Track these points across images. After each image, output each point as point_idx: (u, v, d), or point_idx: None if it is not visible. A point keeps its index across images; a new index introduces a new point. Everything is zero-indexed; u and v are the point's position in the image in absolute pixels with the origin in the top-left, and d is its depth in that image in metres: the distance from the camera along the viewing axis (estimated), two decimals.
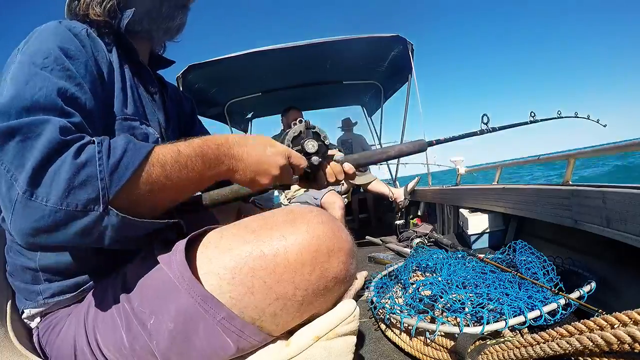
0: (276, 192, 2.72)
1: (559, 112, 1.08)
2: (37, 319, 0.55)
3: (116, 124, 0.54)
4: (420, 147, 0.75)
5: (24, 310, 0.54)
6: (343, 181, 0.73)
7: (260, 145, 0.54)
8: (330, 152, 0.70)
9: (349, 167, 0.72)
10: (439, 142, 0.78)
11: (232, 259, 0.45)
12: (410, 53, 2.41)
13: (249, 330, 0.44)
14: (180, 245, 0.46)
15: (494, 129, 0.84)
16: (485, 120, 0.82)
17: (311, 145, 0.66)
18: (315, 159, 0.66)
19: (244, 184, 0.56)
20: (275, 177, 0.56)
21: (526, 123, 0.95)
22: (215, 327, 0.43)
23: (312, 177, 0.70)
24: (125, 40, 0.61)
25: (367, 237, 2.35)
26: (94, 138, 0.41)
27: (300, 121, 0.67)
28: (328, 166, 0.71)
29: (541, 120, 0.98)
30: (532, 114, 0.95)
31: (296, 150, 0.64)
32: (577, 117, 1.14)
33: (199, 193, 0.66)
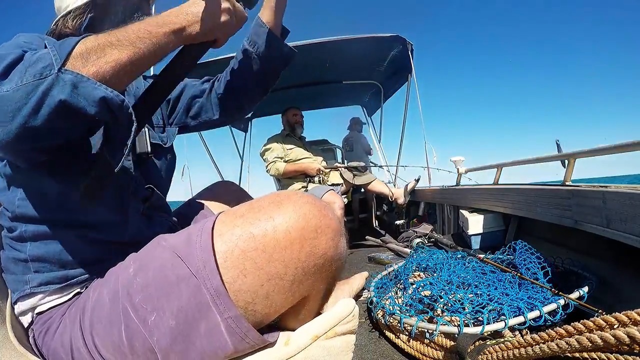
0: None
1: None
2: (29, 315, 0.54)
3: None
4: None
5: (14, 305, 0.54)
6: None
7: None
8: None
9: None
10: None
11: (222, 243, 0.46)
12: (410, 53, 2.41)
13: (252, 335, 0.45)
14: (205, 234, 0.46)
15: None
16: None
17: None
18: None
19: (201, 34, 0.54)
20: (227, 10, 0.55)
21: None
22: (219, 326, 0.44)
23: None
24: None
25: (367, 237, 2.34)
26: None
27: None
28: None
29: None
30: None
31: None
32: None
33: None
